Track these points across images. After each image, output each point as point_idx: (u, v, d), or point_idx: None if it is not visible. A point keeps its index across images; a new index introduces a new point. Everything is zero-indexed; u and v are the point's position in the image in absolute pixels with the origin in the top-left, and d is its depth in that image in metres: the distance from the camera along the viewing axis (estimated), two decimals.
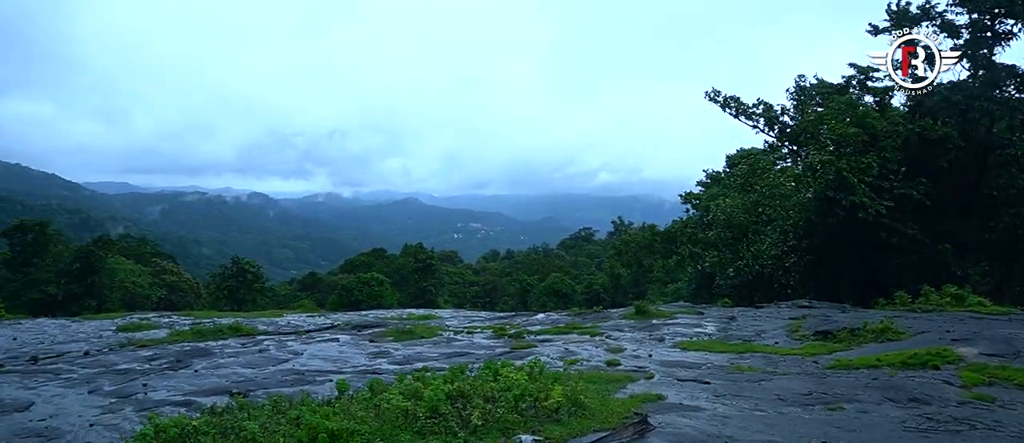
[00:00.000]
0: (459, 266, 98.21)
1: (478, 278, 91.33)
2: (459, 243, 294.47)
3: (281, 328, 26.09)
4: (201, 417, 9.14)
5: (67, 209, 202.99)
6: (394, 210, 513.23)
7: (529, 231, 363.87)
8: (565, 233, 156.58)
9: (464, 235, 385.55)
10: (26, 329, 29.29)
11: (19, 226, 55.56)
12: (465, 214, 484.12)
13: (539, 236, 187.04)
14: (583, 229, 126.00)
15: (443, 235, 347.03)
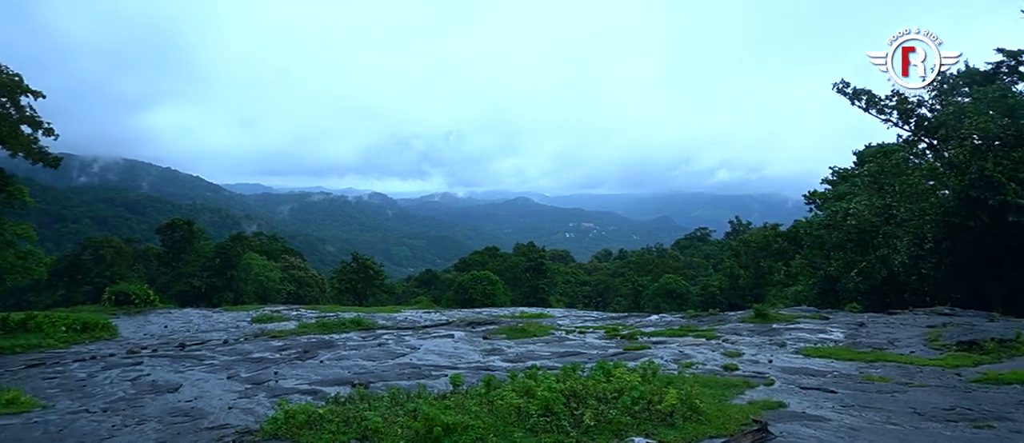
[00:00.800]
0: (571, 265, 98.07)
1: (590, 278, 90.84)
2: (571, 242, 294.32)
3: (399, 323, 27.09)
4: (326, 406, 9.65)
5: (210, 208, 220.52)
6: (507, 209, 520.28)
7: (642, 231, 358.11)
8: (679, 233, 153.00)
9: (576, 234, 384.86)
10: (175, 318, 32.07)
11: (170, 224, 61.09)
12: (577, 213, 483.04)
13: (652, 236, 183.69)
14: (699, 229, 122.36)
15: (555, 234, 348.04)
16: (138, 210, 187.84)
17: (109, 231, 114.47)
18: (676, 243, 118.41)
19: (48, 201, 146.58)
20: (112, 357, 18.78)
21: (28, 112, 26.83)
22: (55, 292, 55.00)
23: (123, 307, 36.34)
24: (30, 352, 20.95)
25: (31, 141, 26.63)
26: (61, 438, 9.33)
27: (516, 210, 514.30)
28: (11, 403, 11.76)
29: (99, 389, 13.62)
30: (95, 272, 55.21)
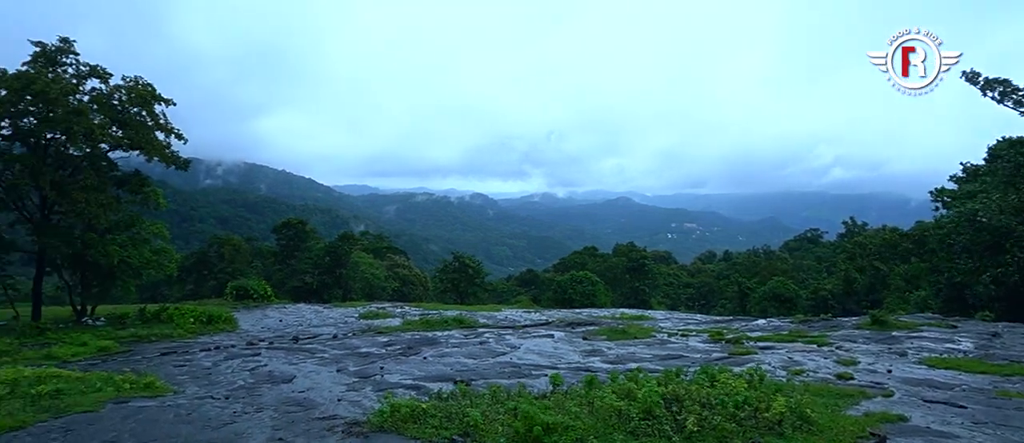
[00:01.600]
0: (673, 267, 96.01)
1: (693, 280, 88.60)
2: (673, 243, 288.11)
3: (500, 322, 27.42)
4: (429, 401, 9.91)
5: (321, 209, 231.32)
6: (607, 209, 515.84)
7: (748, 232, 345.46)
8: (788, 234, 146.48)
9: (678, 235, 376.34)
10: (289, 313, 33.87)
11: (285, 224, 64.52)
12: (679, 213, 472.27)
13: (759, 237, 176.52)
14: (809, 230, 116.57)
15: (656, 235, 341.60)
16: (257, 210, 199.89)
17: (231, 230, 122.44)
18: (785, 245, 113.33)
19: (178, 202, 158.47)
20: (233, 348, 20.07)
21: (161, 119, 29.11)
22: (184, 286, 59.31)
23: (243, 301, 38.75)
24: (163, 341, 22.74)
25: (164, 146, 28.86)
26: (189, 421, 10.05)
27: (616, 210, 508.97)
28: (148, 387, 12.82)
29: (222, 377, 14.59)
30: (219, 268, 59.11)
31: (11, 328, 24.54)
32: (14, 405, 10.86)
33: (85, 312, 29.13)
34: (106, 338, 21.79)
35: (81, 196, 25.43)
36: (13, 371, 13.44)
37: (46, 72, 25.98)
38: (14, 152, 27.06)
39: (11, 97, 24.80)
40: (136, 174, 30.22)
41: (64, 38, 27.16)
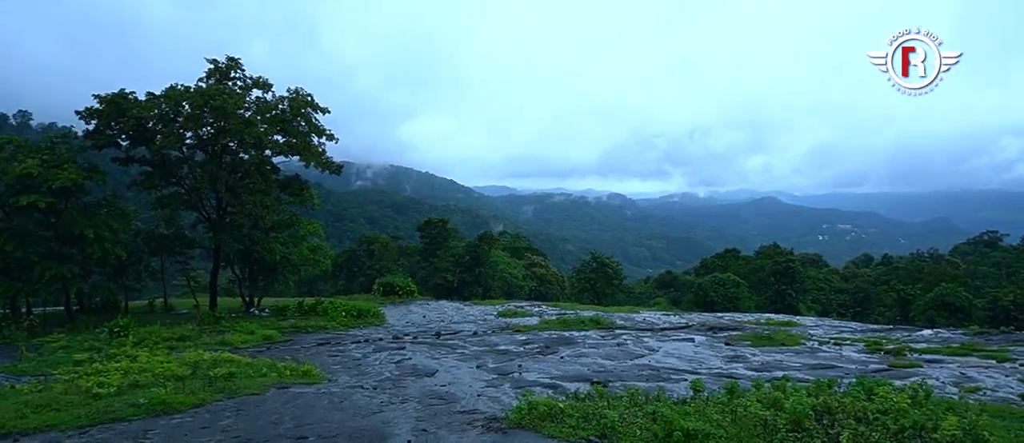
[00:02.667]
0: (824, 270, 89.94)
1: (847, 285, 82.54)
2: (824, 246, 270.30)
3: (637, 324, 26.99)
4: (566, 401, 9.93)
5: (461, 209, 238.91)
6: (751, 210, 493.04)
7: (912, 234, 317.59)
8: (961, 237, 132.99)
9: (830, 237, 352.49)
10: (432, 309, 35.25)
11: (428, 223, 67.28)
12: (832, 214, 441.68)
13: (925, 240, 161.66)
14: (986, 232, 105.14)
15: (806, 237, 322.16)
16: (402, 211, 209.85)
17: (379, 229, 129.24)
18: (956, 248, 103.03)
19: (333, 203, 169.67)
20: (381, 341, 21.19)
21: (318, 126, 31.36)
22: (337, 282, 63.49)
23: (389, 297, 40.80)
24: (319, 332, 24.44)
25: (320, 151, 31.06)
26: (342, 408, 10.71)
27: (761, 210, 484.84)
28: (306, 374, 13.83)
29: (370, 368, 15.45)
30: (368, 265, 62.70)
31: (193, 316, 27.39)
32: (195, 385, 12.09)
33: (252, 303, 31.91)
34: (270, 328, 23.76)
35: (250, 198, 27.89)
36: (194, 355, 14.99)
37: (220, 86, 28.76)
38: (196, 159, 30.16)
39: (194, 111, 27.67)
40: (296, 177, 32.68)
41: (231, 57, 29.90)
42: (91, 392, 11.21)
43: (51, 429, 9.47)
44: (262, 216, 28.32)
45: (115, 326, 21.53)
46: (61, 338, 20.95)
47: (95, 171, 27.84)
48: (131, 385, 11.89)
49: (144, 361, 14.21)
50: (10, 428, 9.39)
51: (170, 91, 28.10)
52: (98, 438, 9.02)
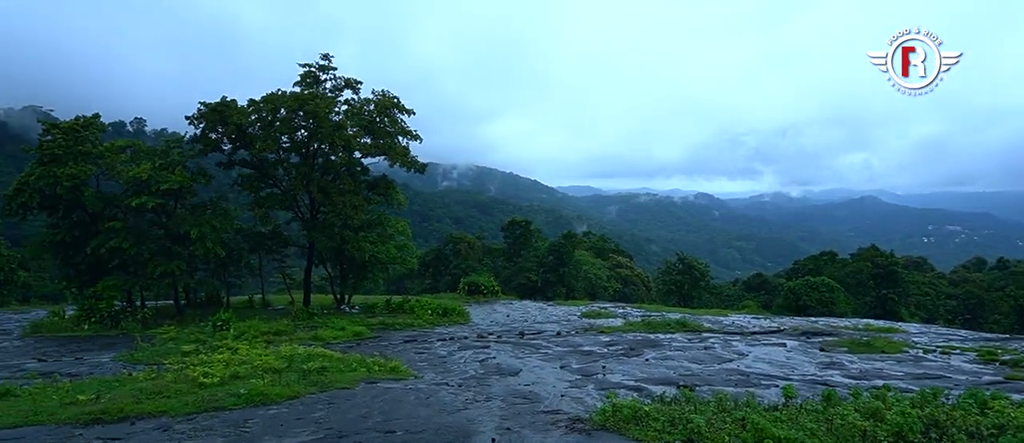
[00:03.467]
0: (929, 274, 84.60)
1: (955, 290, 77.31)
2: (930, 248, 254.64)
3: (726, 327, 26.25)
4: (652, 404, 9.76)
5: (544, 209, 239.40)
6: (848, 210, 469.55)
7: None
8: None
9: (937, 239, 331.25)
10: (516, 308, 35.46)
11: (511, 223, 67.78)
12: (938, 214, 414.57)
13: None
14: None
15: (909, 239, 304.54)
16: (486, 211, 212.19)
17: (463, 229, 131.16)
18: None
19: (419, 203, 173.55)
20: (465, 339, 21.49)
21: (403, 127, 32.14)
22: (423, 280, 64.84)
23: (474, 296, 41.33)
24: (406, 329, 25.04)
25: (406, 152, 31.81)
26: (428, 405, 10.92)
27: (859, 211, 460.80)
28: (394, 370, 14.20)
29: (455, 366, 15.69)
30: (453, 264, 63.73)
31: (288, 312, 28.63)
32: (290, 377, 12.64)
33: (343, 300, 33.03)
34: (360, 324, 24.53)
35: (340, 198, 28.87)
36: (290, 349, 15.67)
37: (312, 91, 29.95)
38: (291, 161, 31.52)
39: (289, 115, 28.92)
40: (383, 178, 33.60)
41: (325, 55, 31.09)
42: (197, 382, 11.91)
43: (162, 414, 10.13)
44: (352, 215, 29.25)
45: (218, 320, 22.79)
46: (170, 330, 22.35)
47: (202, 174, 29.56)
48: (232, 376, 12.55)
49: (244, 354, 14.98)
50: (128, 412, 10.12)
51: (268, 96, 29.47)
52: (203, 425, 9.57)
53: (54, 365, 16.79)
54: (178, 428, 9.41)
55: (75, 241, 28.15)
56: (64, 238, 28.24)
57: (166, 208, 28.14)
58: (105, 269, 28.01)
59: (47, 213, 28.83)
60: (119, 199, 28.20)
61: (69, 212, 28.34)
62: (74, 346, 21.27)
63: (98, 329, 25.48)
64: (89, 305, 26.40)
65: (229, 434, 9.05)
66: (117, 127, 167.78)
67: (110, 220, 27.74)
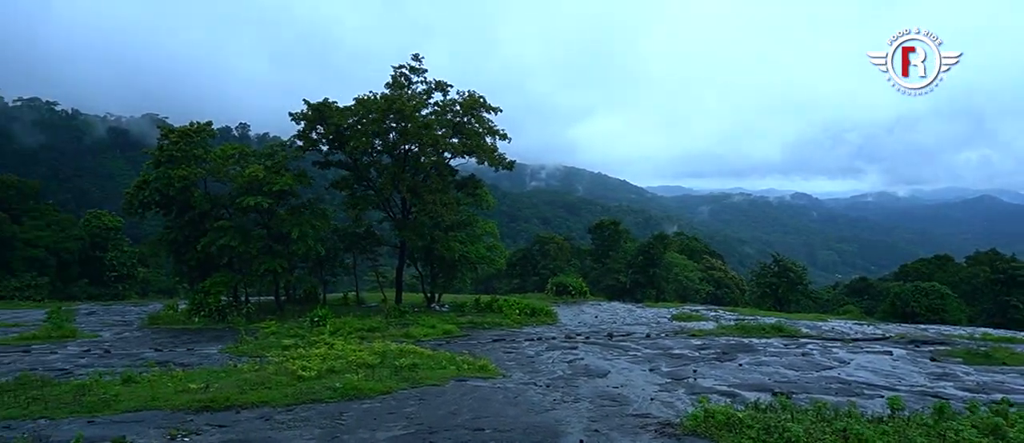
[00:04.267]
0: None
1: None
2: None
3: (825, 333, 25.08)
4: (746, 410, 9.44)
5: (633, 210, 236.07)
6: (963, 210, 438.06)
7: None
8: None
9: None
10: (604, 310, 35.16)
11: (600, 224, 67.31)
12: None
13: None
14: None
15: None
16: (574, 211, 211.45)
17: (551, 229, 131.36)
18: None
19: (507, 203, 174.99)
20: (553, 340, 21.48)
21: (490, 125, 32.48)
22: (511, 280, 65.35)
23: (562, 297, 41.26)
24: (494, 329, 25.29)
25: (492, 150, 32.14)
26: (516, 404, 10.98)
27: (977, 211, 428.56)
28: (483, 369, 14.37)
29: (543, 366, 15.71)
30: (541, 264, 63.93)
31: (380, 309, 29.52)
32: (383, 373, 13.01)
33: (434, 299, 33.73)
34: (449, 323, 24.97)
35: (429, 198, 29.48)
36: (382, 345, 16.14)
37: (403, 91, 30.76)
38: (383, 162, 32.47)
39: (380, 117, 29.81)
40: (472, 178, 34.07)
41: (415, 55, 31.86)
42: (296, 374, 12.45)
43: (264, 404, 10.65)
44: (441, 215, 29.81)
45: (315, 316, 23.76)
46: (272, 324, 23.48)
47: (303, 176, 30.93)
48: (329, 370, 13.04)
49: (339, 349, 15.55)
50: (233, 401, 10.70)
51: (361, 99, 30.49)
52: (302, 416, 9.99)
53: (169, 355, 17.97)
54: (279, 418, 9.87)
55: (186, 240, 30.28)
56: (177, 237, 30.59)
57: (270, 208, 29.63)
58: (213, 266, 29.95)
59: (163, 213, 31.14)
60: (226, 200, 30.02)
61: (181, 212, 30.44)
62: (186, 337, 22.70)
63: (207, 322, 27.10)
64: (199, 300, 28.19)
65: (326, 426, 9.40)
66: (223, 132, 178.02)
67: (217, 220, 29.64)
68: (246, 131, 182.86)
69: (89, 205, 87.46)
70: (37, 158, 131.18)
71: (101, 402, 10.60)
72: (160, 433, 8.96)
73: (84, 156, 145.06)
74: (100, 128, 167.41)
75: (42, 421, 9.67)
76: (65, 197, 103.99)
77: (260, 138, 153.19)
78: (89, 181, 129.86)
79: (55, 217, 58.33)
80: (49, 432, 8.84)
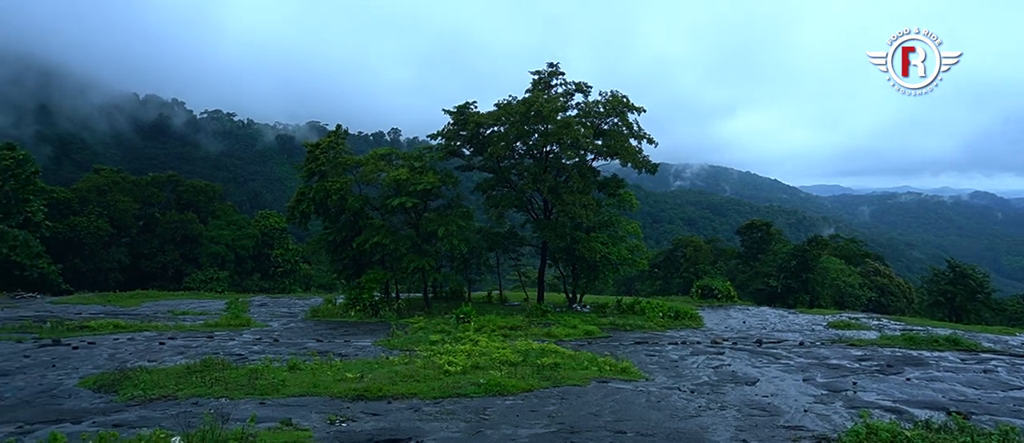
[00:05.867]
0: None
1: None
2: None
3: (1013, 348, 22.42)
4: (914, 429, 8.64)
5: (785, 210, 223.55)
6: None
7: None
8: None
9: None
10: (752, 315, 33.59)
11: (750, 225, 64.50)
12: None
13: None
14: None
15: None
16: (720, 212, 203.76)
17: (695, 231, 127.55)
18: None
19: (650, 204, 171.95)
20: (698, 344, 20.81)
21: (634, 127, 32.01)
22: (654, 282, 64.17)
23: (707, 300, 39.88)
24: (636, 331, 24.92)
25: (636, 152, 31.66)
26: (658, 408, 10.75)
27: None
28: (624, 371, 14.20)
29: (688, 371, 15.25)
30: (684, 267, 62.27)
31: (522, 308, 30.03)
32: (525, 371, 13.22)
33: (575, 299, 33.79)
34: (591, 323, 24.91)
35: (571, 199, 29.56)
36: (524, 344, 16.39)
37: (542, 95, 31.10)
38: (524, 164, 33.01)
39: (520, 120, 30.31)
40: (614, 178, 33.78)
41: (551, 63, 32.20)
42: (443, 369, 12.95)
43: (413, 396, 11.17)
44: (582, 216, 29.81)
45: (460, 313, 24.58)
46: (420, 320, 24.57)
47: (449, 177, 32.13)
48: (473, 366, 13.44)
49: (484, 346, 15.98)
50: (385, 392, 11.33)
51: (501, 104, 31.21)
52: (448, 409, 10.37)
53: (328, 345, 19.31)
54: (426, 410, 10.30)
55: (343, 240, 32.64)
56: (334, 237, 33.05)
57: (417, 208, 31.05)
58: (367, 263, 31.97)
59: (321, 218, 33.78)
60: (377, 201, 31.95)
61: (337, 216, 32.79)
62: (343, 330, 24.29)
63: (362, 316, 28.86)
64: (354, 295, 30.10)
65: (470, 420, 9.70)
66: (377, 137, 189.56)
67: (368, 219, 31.65)
68: (397, 136, 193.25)
69: (261, 206, 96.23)
70: (219, 163, 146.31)
71: (271, 386, 11.60)
72: (320, 417, 9.65)
73: (256, 161, 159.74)
74: (269, 135, 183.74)
75: (223, 400, 10.75)
76: (241, 199, 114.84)
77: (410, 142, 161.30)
78: (261, 184, 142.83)
79: (233, 217, 64.93)
80: (229, 410, 9.78)
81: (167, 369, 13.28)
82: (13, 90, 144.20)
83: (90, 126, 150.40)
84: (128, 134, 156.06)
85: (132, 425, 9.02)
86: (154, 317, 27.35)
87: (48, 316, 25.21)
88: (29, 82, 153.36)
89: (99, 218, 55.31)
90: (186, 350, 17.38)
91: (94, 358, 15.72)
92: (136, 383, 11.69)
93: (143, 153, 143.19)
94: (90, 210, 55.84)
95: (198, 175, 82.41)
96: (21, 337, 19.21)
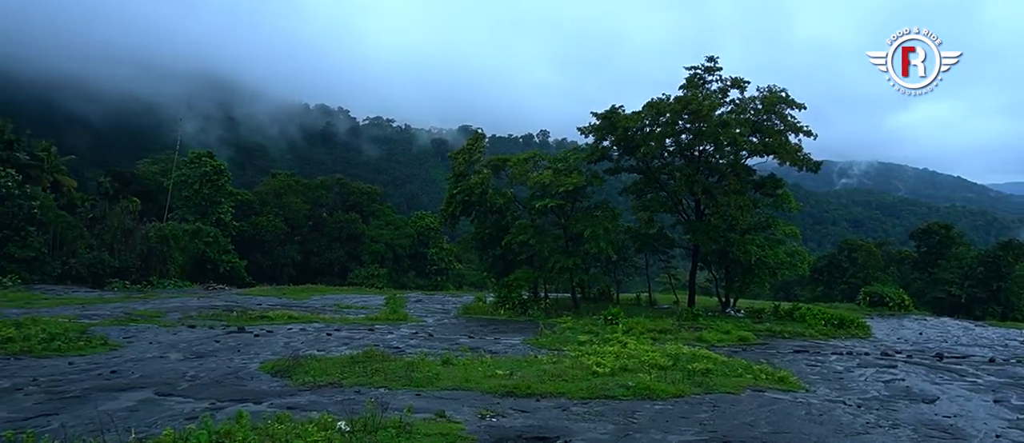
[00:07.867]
0: None
1: None
2: None
3: None
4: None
5: (971, 211, 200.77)
6: None
7: None
8: None
9: None
10: (930, 326, 30.60)
11: (926, 229, 58.78)
12: None
13: None
14: None
15: None
16: (892, 213, 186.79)
17: (863, 233, 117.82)
18: None
19: (811, 204, 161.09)
20: (866, 356, 19.26)
21: (793, 122, 30.16)
22: (815, 288, 60.18)
23: (876, 308, 36.86)
24: (795, 339, 23.51)
25: (796, 150, 29.83)
26: (820, 422, 10.08)
27: None
28: (782, 380, 13.46)
29: (854, 384, 14.16)
30: (850, 272, 57.82)
31: (672, 311, 29.29)
32: (675, 376, 12.91)
33: (728, 303, 32.48)
34: (745, 329, 23.81)
35: (725, 199, 28.44)
36: (674, 348, 16.00)
37: (696, 93, 30.04)
38: (675, 164, 32.20)
39: (673, 118, 29.56)
40: (771, 177, 32.06)
41: (710, 57, 30.91)
42: (591, 370, 12.95)
43: (561, 396, 11.26)
44: (737, 217, 28.59)
45: (608, 314, 24.43)
46: (567, 320, 24.70)
47: (595, 177, 32.04)
48: (622, 368, 13.32)
49: (632, 348, 15.79)
50: (534, 390, 11.52)
51: (651, 102, 30.54)
52: (596, 410, 10.36)
53: (479, 342, 19.92)
54: (574, 409, 10.35)
55: (491, 239, 33.62)
56: (483, 236, 34.15)
57: (564, 209, 31.24)
58: (515, 263, 32.65)
59: (470, 218, 35.01)
60: (524, 201, 32.56)
61: (484, 215, 33.81)
62: (493, 327, 24.96)
63: (511, 314, 29.50)
64: (503, 293, 30.84)
65: (619, 422, 9.62)
66: (526, 139, 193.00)
67: (516, 218, 32.34)
68: (545, 137, 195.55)
69: (416, 207, 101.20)
70: (379, 167, 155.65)
71: (425, 379, 12.17)
72: (472, 411, 9.98)
73: (413, 164, 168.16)
74: (424, 139, 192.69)
75: (382, 389, 11.43)
76: (399, 200, 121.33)
77: (558, 144, 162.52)
78: (417, 186, 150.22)
79: (392, 217, 69.08)
80: (387, 399, 10.38)
81: (333, 358, 14.34)
82: (198, 102, 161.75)
83: (265, 133, 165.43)
84: (298, 140, 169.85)
85: (303, 408, 9.82)
86: (322, 309, 29.63)
87: (234, 306, 28.16)
88: (209, 94, 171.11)
89: (276, 218, 60.99)
90: (350, 341, 18.64)
91: (272, 345, 17.30)
92: (307, 370, 12.73)
93: (312, 158, 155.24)
94: (268, 210, 61.74)
95: (360, 178, 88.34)
96: (213, 324, 21.67)
